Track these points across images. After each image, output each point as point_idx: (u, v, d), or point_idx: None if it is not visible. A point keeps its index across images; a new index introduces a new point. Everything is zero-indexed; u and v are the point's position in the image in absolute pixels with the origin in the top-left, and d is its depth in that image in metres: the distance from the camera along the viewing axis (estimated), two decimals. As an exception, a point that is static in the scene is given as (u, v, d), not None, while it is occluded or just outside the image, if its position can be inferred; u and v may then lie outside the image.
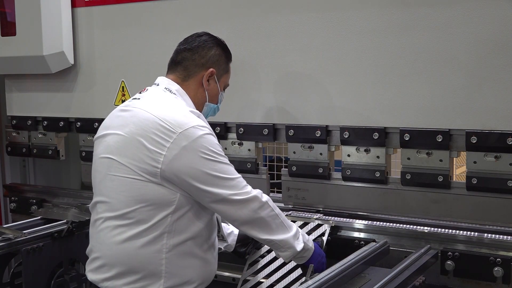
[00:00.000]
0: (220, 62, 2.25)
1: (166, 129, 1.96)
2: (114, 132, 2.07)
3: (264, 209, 2.06)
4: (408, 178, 2.47)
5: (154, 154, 1.94)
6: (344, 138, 2.57)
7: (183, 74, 2.19)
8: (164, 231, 1.97)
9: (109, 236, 2.01)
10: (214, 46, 2.23)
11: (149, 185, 1.96)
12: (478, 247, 2.31)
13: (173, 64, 2.23)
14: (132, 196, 1.97)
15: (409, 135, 2.42)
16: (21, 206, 3.56)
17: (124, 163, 1.99)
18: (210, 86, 2.23)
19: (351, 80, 2.55)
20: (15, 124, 3.62)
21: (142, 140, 1.97)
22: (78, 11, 3.30)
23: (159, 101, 2.10)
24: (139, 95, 2.16)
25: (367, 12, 2.47)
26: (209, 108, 2.27)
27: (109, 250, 2.01)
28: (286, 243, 2.12)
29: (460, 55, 2.31)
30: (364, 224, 2.56)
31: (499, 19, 2.23)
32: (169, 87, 2.16)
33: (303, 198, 2.75)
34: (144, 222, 1.97)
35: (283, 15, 2.68)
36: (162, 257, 1.97)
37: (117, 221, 2.00)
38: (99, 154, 2.11)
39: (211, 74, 2.21)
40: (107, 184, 2.05)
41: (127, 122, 2.04)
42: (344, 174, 2.61)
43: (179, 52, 2.22)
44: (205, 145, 1.97)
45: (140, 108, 2.06)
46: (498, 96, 2.26)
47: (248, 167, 2.85)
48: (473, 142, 2.30)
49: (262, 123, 2.79)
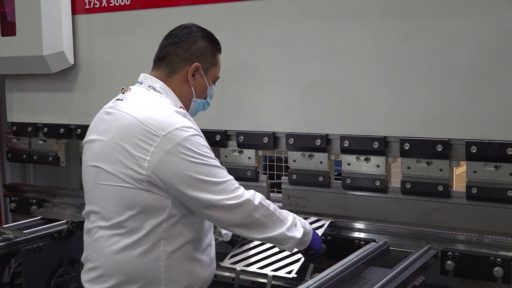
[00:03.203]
0: (206, 55, 2.14)
1: (149, 132, 1.89)
2: (99, 138, 2.01)
3: (258, 210, 1.99)
4: (408, 187, 2.45)
5: (138, 160, 1.88)
6: (344, 147, 2.55)
7: (167, 70, 2.11)
8: (161, 238, 1.92)
9: (105, 245, 1.96)
10: (199, 38, 2.13)
11: (137, 192, 1.90)
12: (478, 247, 2.31)
13: (158, 60, 2.14)
14: (122, 205, 1.92)
15: (409, 144, 2.40)
16: (21, 206, 3.55)
17: (111, 171, 1.93)
18: (196, 81, 2.13)
19: (352, 88, 2.53)
20: (15, 131, 3.60)
21: (126, 145, 1.90)
22: (78, 18, 3.28)
23: (142, 101, 2.01)
24: (122, 95, 2.08)
25: (368, 21, 2.46)
26: (198, 104, 2.19)
27: (106, 260, 1.96)
28: (285, 236, 2.07)
29: (460, 65, 2.30)
30: (364, 224, 2.56)
31: (499, 29, 2.21)
32: (152, 85, 2.07)
33: (303, 206, 2.73)
34: (138, 230, 1.92)
35: (284, 23, 2.66)
36: (160, 265, 1.93)
37: (111, 231, 1.95)
38: (87, 161, 2.06)
39: (196, 68, 2.11)
40: (97, 193, 1.99)
41: (110, 127, 1.98)
42: (344, 183, 2.59)
43: (163, 47, 2.14)
44: (190, 147, 1.90)
45: (123, 111, 1.99)
46: (498, 105, 2.24)
47: (248, 175, 2.84)
48: (473, 152, 2.27)
49: (262, 131, 2.76)
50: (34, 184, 3.92)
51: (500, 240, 2.28)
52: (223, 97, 2.81)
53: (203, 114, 2.90)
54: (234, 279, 2.45)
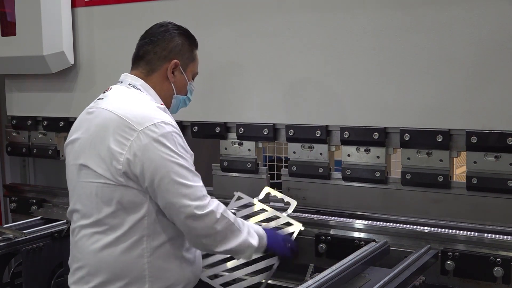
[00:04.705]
0: (183, 51, 2.16)
1: (127, 127, 1.90)
2: (80, 136, 2.03)
3: (220, 222, 1.96)
4: (408, 178, 2.47)
5: (115, 154, 1.89)
6: (344, 138, 2.57)
7: (146, 68, 2.12)
8: (143, 235, 1.92)
9: (87, 244, 1.96)
10: (175, 36, 2.14)
11: (117, 189, 1.90)
12: (478, 247, 2.30)
13: (136, 59, 2.16)
14: (102, 202, 1.92)
15: (409, 135, 2.42)
16: (21, 206, 3.55)
17: (91, 167, 1.94)
18: (176, 78, 2.15)
19: (352, 80, 2.55)
20: (15, 124, 3.61)
21: (104, 140, 1.92)
22: (78, 11, 3.29)
23: (122, 98, 2.04)
24: (103, 94, 2.11)
25: (367, 12, 2.47)
26: (179, 100, 2.21)
27: (90, 259, 1.96)
28: (243, 244, 2.05)
29: (460, 55, 2.31)
30: (364, 224, 2.55)
31: (499, 19, 2.23)
32: (133, 83, 2.10)
33: (303, 198, 2.75)
34: (119, 227, 1.91)
35: (283, 15, 2.67)
36: (144, 262, 1.92)
37: (92, 229, 1.95)
38: (69, 161, 2.07)
39: (175, 65, 2.13)
40: (79, 191, 2.00)
41: (90, 125, 2.00)
42: (344, 174, 2.61)
43: (141, 47, 2.15)
44: (167, 143, 1.89)
45: (103, 107, 2.01)
46: (498, 96, 2.26)
47: (248, 167, 2.85)
48: (473, 142, 2.30)
49: (262, 123, 2.78)
50: (34, 184, 3.92)
51: (500, 240, 2.28)
52: (222, 89, 2.82)
53: (202, 106, 2.91)
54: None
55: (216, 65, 2.87)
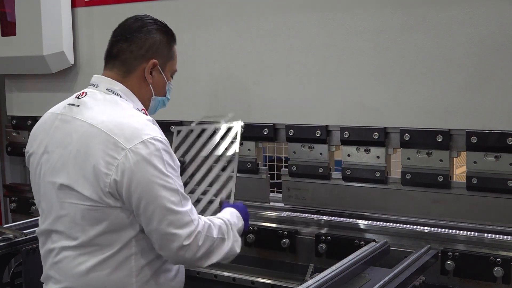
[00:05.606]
0: (161, 49, 1.97)
1: (114, 144, 1.75)
2: (57, 151, 1.85)
3: (204, 245, 1.83)
4: (408, 178, 2.47)
5: (102, 176, 1.74)
6: (344, 138, 2.57)
7: (122, 69, 1.94)
8: (131, 254, 1.82)
9: (71, 266, 1.84)
10: (152, 32, 1.96)
11: (105, 211, 1.77)
12: (478, 247, 2.31)
13: (110, 58, 1.97)
14: (89, 225, 1.79)
15: (409, 135, 2.42)
16: (21, 206, 3.55)
17: (76, 189, 1.79)
18: (155, 79, 1.97)
19: (351, 80, 2.55)
20: (15, 124, 3.61)
21: (89, 159, 1.76)
22: (78, 11, 3.30)
23: (104, 108, 1.86)
24: (78, 100, 1.91)
25: (367, 12, 2.47)
26: (157, 102, 2.04)
27: (75, 281, 1.84)
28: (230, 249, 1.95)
29: (460, 55, 2.31)
30: (364, 224, 2.56)
31: (499, 19, 2.23)
32: (111, 88, 1.91)
33: (303, 198, 2.75)
34: (107, 248, 1.80)
35: (283, 15, 2.67)
36: (132, 282, 1.83)
37: (78, 250, 1.82)
38: (44, 176, 1.88)
39: (153, 65, 1.95)
40: (61, 212, 1.84)
41: (70, 139, 1.83)
42: (344, 174, 2.61)
43: (115, 43, 1.96)
44: (156, 164, 1.75)
45: (83, 120, 1.83)
46: (498, 96, 2.26)
47: (248, 167, 2.85)
48: (473, 142, 2.30)
49: (262, 123, 2.78)
50: (34, 184, 3.92)
51: (500, 240, 2.28)
52: (222, 89, 2.82)
53: (202, 105, 2.91)
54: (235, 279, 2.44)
55: (216, 65, 2.87)
